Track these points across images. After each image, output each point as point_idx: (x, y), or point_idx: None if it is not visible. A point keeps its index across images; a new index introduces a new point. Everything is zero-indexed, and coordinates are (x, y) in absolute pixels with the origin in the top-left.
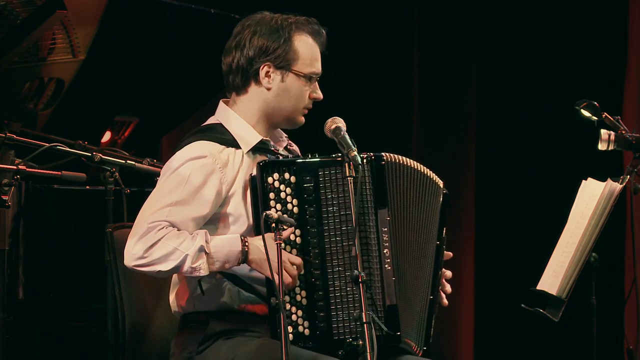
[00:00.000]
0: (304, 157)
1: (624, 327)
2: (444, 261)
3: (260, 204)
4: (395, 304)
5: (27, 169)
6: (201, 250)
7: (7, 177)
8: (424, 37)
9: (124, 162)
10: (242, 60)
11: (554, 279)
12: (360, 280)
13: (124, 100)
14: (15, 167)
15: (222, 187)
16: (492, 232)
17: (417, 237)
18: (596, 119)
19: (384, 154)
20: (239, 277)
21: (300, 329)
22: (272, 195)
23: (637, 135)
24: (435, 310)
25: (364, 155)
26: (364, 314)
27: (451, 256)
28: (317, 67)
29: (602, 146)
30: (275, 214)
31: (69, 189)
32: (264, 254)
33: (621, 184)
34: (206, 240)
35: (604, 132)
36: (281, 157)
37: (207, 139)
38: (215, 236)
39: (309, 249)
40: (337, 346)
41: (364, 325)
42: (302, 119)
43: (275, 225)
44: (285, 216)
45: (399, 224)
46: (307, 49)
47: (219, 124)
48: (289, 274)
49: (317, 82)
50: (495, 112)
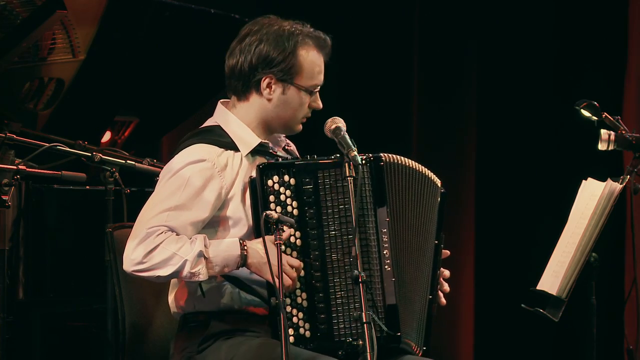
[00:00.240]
0: (303, 158)
1: (624, 327)
2: (442, 260)
3: (260, 206)
4: (395, 304)
5: (27, 169)
6: (200, 255)
7: (7, 177)
8: (424, 37)
9: (124, 162)
10: (245, 66)
11: (554, 279)
12: (360, 280)
13: (124, 100)
14: (15, 167)
15: (222, 191)
16: (492, 232)
17: (416, 237)
18: (596, 119)
19: (382, 154)
20: (239, 279)
21: (301, 331)
22: (272, 197)
23: (637, 135)
24: (434, 310)
25: (362, 156)
26: (364, 314)
27: (448, 254)
28: (320, 79)
29: (602, 146)
30: (275, 214)
31: (69, 189)
32: (262, 258)
33: (621, 184)
34: (205, 244)
35: (604, 132)
36: (280, 159)
37: (205, 142)
38: (214, 240)
39: (309, 250)
40: (338, 347)
41: (364, 325)
42: (300, 127)
43: (275, 225)
44: (284, 216)
45: (398, 225)
46: (311, 62)
47: (218, 126)
48: (288, 277)
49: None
50: (495, 112)
